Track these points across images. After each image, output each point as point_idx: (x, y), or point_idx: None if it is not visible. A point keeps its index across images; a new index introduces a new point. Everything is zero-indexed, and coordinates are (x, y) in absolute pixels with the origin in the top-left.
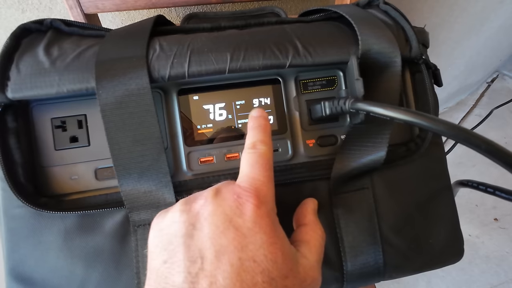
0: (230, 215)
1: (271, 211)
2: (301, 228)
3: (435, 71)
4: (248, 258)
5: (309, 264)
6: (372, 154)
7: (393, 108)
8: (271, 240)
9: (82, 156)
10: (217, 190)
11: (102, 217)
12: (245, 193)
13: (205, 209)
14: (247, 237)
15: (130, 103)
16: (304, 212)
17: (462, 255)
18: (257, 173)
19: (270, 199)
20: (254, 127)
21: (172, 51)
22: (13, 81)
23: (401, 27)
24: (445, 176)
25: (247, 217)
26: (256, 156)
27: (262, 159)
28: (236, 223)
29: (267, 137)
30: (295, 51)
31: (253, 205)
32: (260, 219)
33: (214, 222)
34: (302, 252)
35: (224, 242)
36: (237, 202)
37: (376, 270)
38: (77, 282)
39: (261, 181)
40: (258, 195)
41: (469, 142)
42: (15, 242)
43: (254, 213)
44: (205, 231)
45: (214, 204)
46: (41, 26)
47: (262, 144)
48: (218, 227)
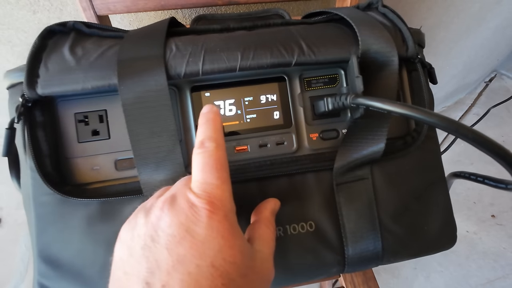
0: (186, 224)
1: (228, 213)
2: (255, 223)
3: (430, 70)
4: (206, 265)
5: (264, 257)
6: (372, 146)
7: (390, 102)
8: (229, 244)
9: (103, 148)
10: (172, 199)
11: (121, 204)
12: (198, 200)
13: (162, 220)
14: (204, 243)
15: (149, 98)
16: (262, 209)
17: (455, 241)
18: (209, 177)
19: (226, 201)
20: (201, 123)
21: (187, 50)
22: (42, 78)
23: (398, 29)
24: (439, 167)
25: (203, 224)
26: (206, 157)
27: (212, 160)
28: (193, 231)
29: (215, 133)
30: (300, 51)
31: (208, 211)
32: (217, 223)
33: (171, 232)
34: (257, 247)
35: (181, 251)
36: (192, 209)
37: (375, 255)
38: (100, 264)
39: (214, 184)
40: (212, 201)
41: (458, 132)
42: (43, 227)
43: (210, 219)
44: (162, 242)
45: (170, 215)
46: (64, 28)
47: (210, 141)
48: (175, 237)
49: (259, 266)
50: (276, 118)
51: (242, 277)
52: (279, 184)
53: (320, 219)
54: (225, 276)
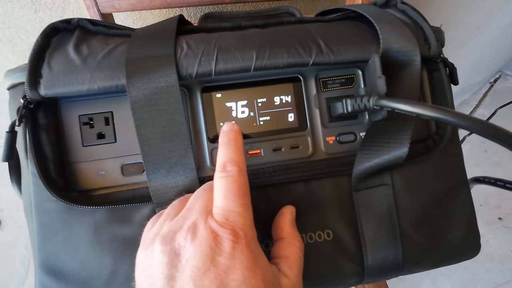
0: (210, 254)
1: (250, 241)
2: (279, 243)
3: (452, 70)
4: None
5: (290, 282)
6: (395, 150)
7: (418, 104)
8: (252, 274)
9: (108, 152)
10: (195, 227)
11: (130, 211)
12: (221, 229)
13: (186, 250)
14: (228, 274)
15: (160, 100)
16: (281, 225)
17: (479, 250)
18: (232, 204)
19: (248, 229)
20: (223, 143)
21: (200, 49)
22: (45, 78)
23: (419, 26)
24: (462, 172)
25: (226, 255)
26: (229, 182)
27: (235, 186)
28: (217, 262)
29: (237, 155)
30: (319, 50)
31: (231, 241)
32: (239, 254)
33: (196, 264)
34: (283, 270)
35: (206, 282)
36: (216, 240)
37: (396, 265)
38: (107, 274)
39: (237, 212)
40: (234, 230)
41: (497, 138)
42: (46, 236)
43: (233, 249)
44: (187, 273)
45: (194, 245)
46: (69, 26)
47: (232, 164)
48: (200, 268)
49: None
50: (291, 121)
51: None
52: (294, 190)
53: (338, 227)
54: None
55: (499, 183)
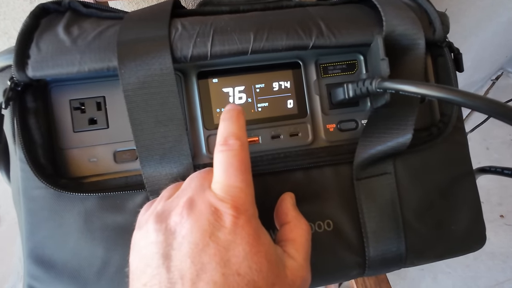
0: (209, 230)
1: (251, 218)
2: (285, 226)
3: (457, 55)
4: (232, 273)
5: (297, 265)
6: (398, 137)
7: (425, 84)
8: (254, 250)
9: (100, 139)
10: (191, 202)
11: (122, 199)
12: (221, 204)
13: (182, 226)
14: (229, 250)
15: (153, 83)
16: (284, 210)
17: (484, 241)
18: (233, 180)
19: (249, 206)
20: (225, 118)
21: (195, 30)
22: (33, 59)
23: (424, 10)
24: (467, 161)
25: (227, 230)
26: (230, 156)
27: (237, 160)
28: (216, 237)
29: (240, 130)
30: (319, 32)
31: (232, 216)
32: (240, 229)
33: (193, 239)
34: (289, 252)
35: (205, 259)
36: (215, 214)
37: (398, 256)
38: (98, 264)
39: (238, 188)
40: (236, 205)
41: (506, 117)
42: (35, 224)
43: (234, 224)
44: (183, 250)
45: (191, 221)
46: (59, 7)
47: (234, 138)
48: (198, 244)
49: (290, 275)
50: (290, 107)
51: (270, 286)
52: (293, 179)
53: (338, 217)
54: (252, 285)
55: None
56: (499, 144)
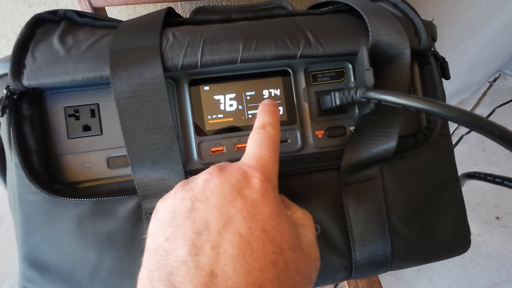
0: (238, 186)
1: (275, 189)
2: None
3: (443, 64)
4: (257, 227)
5: (310, 241)
6: (383, 144)
7: (404, 96)
8: (278, 212)
9: (94, 145)
10: (222, 166)
11: (115, 204)
12: (251, 169)
13: (211, 183)
14: (255, 207)
15: (144, 91)
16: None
17: (469, 246)
18: (264, 152)
19: (274, 178)
20: (264, 111)
21: (185, 40)
22: (28, 68)
23: (410, 20)
24: (452, 167)
25: (254, 190)
26: (265, 136)
27: (270, 140)
28: (244, 194)
29: (276, 121)
30: (306, 42)
31: (260, 179)
32: (266, 192)
33: (222, 192)
34: (301, 232)
35: (232, 211)
36: (244, 176)
37: (384, 260)
38: (90, 267)
39: (267, 160)
40: (264, 172)
41: (481, 129)
42: (29, 228)
43: (261, 186)
44: (211, 202)
45: (221, 178)
46: (55, 17)
47: (271, 126)
48: (226, 197)
49: (306, 248)
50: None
51: (292, 250)
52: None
53: (326, 221)
54: (275, 244)
55: (489, 178)
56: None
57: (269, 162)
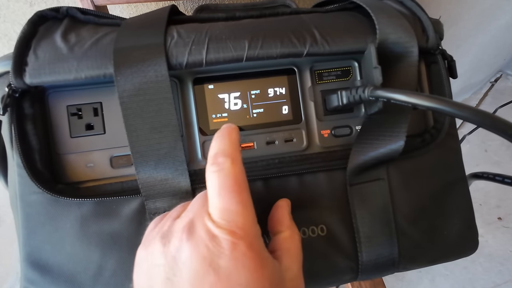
0: (209, 257)
1: (253, 240)
2: (279, 236)
3: (450, 62)
4: None
5: (293, 275)
6: (391, 144)
7: (415, 94)
8: (257, 275)
9: (97, 144)
10: (191, 226)
11: (118, 204)
12: (219, 230)
13: (182, 252)
14: (230, 278)
15: (148, 90)
16: (280, 218)
17: (477, 247)
18: (228, 203)
19: (249, 228)
20: (216, 137)
21: (190, 38)
22: (31, 66)
23: (417, 18)
24: (460, 167)
25: (226, 257)
26: (221, 177)
27: (229, 180)
28: (216, 265)
29: (230, 146)
30: (313, 40)
31: (231, 242)
32: (241, 255)
33: (193, 266)
34: (285, 264)
35: (206, 287)
36: (214, 241)
37: (391, 261)
38: (94, 268)
39: (234, 211)
40: (234, 231)
41: (495, 128)
42: (31, 229)
43: (234, 251)
44: (184, 276)
45: (190, 246)
46: (57, 14)
47: (224, 156)
48: (198, 272)
49: (288, 286)
50: (285, 113)
51: None
52: (287, 185)
53: (332, 222)
54: None
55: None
56: (498, 146)
57: (236, 213)
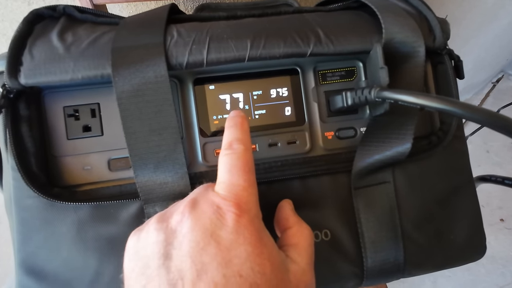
0: (211, 228)
1: (254, 218)
2: (287, 231)
3: (457, 63)
4: (233, 274)
5: (300, 269)
6: (397, 146)
7: (423, 95)
8: (257, 251)
9: (95, 146)
10: (194, 202)
11: (116, 208)
12: (224, 202)
13: (183, 225)
14: (231, 250)
15: (147, 91)
16: (285, 216)
17: (484, 252)
18: (236, 179)
19: (253, 205)
20: (229, 125)
21: (191, 37)
22: (26, 66)
23: (424, 17)
24: (467, 170)
25: (229, 229)
26: (234, 158)
27: (240, 162)
28: (218, 236)
29: (244, 135)
30: (317, 39)
31: (235, 214)
32: (243, 229)
33: (194, 238)
34: (292, 257)
35: (206, 259)
36: (217, 213)
37: (396, 267)
38: (91, 275)
39: (241, 186)
40: (239, 203)
41: (507, 130)
42: (26, 234)
43: (237, 223)
44: (184, 249)
45: (192, 219)
46: (54, 12)
47: (238, 143)
48: (199, 243)
49: (293, 280)
50: (288, 115)
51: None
52: (290, 188)
53: (336, 227)
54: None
55: (507, 181)
56: (500, 147)
57: (243, 188)
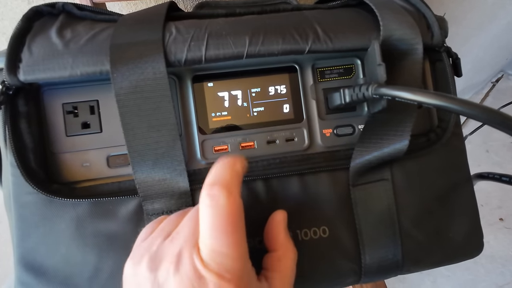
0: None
1: (240, 282)
2: (273, 255)
3: (455, 60)
4: None
5: None
6: (395, 143)
7: (421, 92)
8: None
9: (94, 143)
10: (179, 258)
11: (115, 205)
12: (206, 271)
13: (168, 284)
14: None
15: (146, 87)
16: (274, 235)
17: (482, 248)
18: (219, 245)
19: (239, 269)
20: (219, 162)
21: (189, 34)
22: (25, 63)
23: (422, 14)
24: (465, 167)
25: None
26: (215, 214)
27: (223, 219)
28: None
29: (230, 177)
30: (315, 36)
31: (218, 286)
32: None
33: None
34: (275, 286)
35: None
36: (199, 281)
37: (395, 263)
38: (90, 271)
39: (224, 254)
40: (221, 274)
41: (505, 126)
42: (25, 230)
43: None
44: None
45: (176, 280)
46: (53, 10)
47: (220, 187)
48: None
49: None
50: (286, 112)
51: None
52: (288, 185)
53: (334, 224)
54: None
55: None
56: (499, 146)
57: (227, 255)
